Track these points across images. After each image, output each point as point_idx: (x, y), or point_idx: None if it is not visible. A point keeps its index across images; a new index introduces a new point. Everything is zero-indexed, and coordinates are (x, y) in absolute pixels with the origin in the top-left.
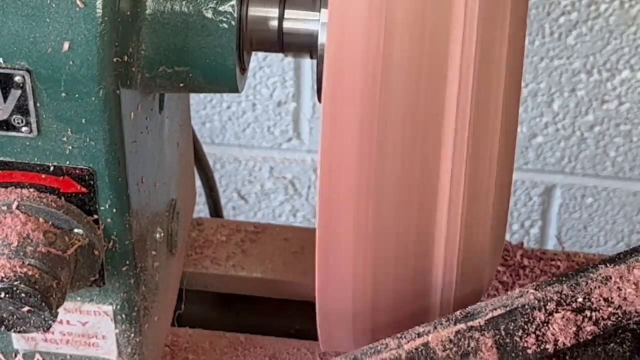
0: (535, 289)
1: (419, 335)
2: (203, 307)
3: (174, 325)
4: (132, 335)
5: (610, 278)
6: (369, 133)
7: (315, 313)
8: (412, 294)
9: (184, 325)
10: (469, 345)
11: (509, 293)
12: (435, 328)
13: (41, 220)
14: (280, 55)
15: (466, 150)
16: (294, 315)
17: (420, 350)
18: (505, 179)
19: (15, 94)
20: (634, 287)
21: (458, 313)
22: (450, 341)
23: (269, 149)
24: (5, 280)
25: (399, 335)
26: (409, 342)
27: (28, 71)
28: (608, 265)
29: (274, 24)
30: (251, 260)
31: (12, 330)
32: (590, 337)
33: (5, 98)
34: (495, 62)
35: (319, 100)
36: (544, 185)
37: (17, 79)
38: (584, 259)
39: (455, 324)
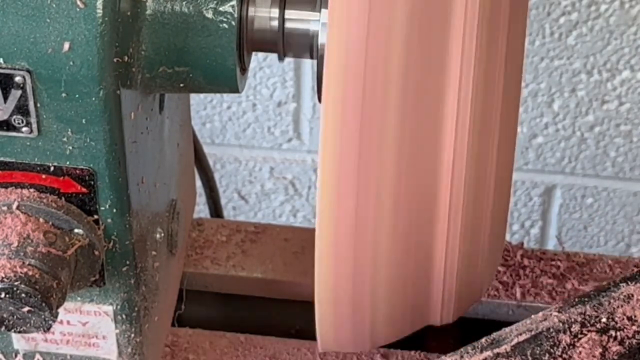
0: (559, 311)
1: None
2: (203, 307)
3: (174, 325)
4: (132, 335)
5: (632, 296)
6: (369, 133)
7: (315, 313)
8: (412, 294)
9: (184, 325)
10: None
11: (532, 317)
12: (462, 357)
13: (41, 220)
14: None
15: (466, 150)
16: (294, 315)
17: None
18: (505, 179)
19: (15, 94)
20: None
21: (483, 340)
22: None
23: (269, 149)
24: (5, 280)
25: None
26: None
27: (28, 71)
28: (629, 282)
29: (274, 24)
30: (251, 260)
31: (12, 330)
32: (616, 357)
33: (5, 98)
34: (496, 62)
35: (319, 100)
36: (544, 185)
37: (17, 79)
38: (583, 258)
39: (482, 352)
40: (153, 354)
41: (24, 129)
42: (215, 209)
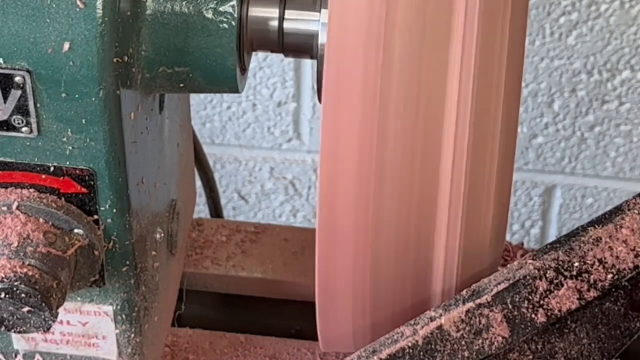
0: (533, 259)
1: (432, 319)
2: (203, 307)
3: (174, 325)
4: (132, 335)
5: (601, 239)
6: (369, 133)
7: (315, 313)
8: (412, 294)
9: (184, 325)
10: (480, 323)
11: (509, 266)
12: (446, 310)
13: (41, 220)
14: (280, 55)
15: (466, 149)
16: (294, 315)
17: (435, 333)
18: (505, 179)
19: (15, 94)
20: (624, 245)
21: (464, 292)
22: (462, 321)
23: (269, 149)
24: (5, 280)
25: (412, 322)
26: (422, 327)
27: (28, 71)
28: (596, 226)
29: (274, 24)
30: (251, 260)
31: (12, 330)
32: (590, 300)
33: (5, 98)
34: (495, 62)
35: (319, 100)
36: (544, 185)
37: (17, 79)
38: None
39: (464, 303)
40: (153, 354)
41: (24, 129)
42: (215, 209)
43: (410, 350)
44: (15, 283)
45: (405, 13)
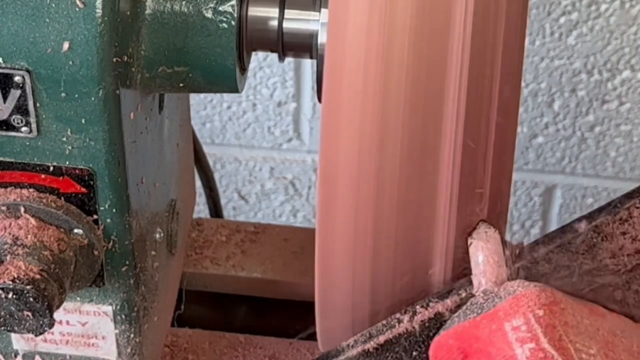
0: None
1: (429, 306)
2: (203, 307)
3: (173, 325)
4: (132, 335)
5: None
6: (369, 132)
7: (315, 313)
8: (411, 294)
9: (184, 325)
10: None
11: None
12: (443, 297)
13: (51, 224)
14: None
15: (465, 149)
16: (293, 315)
17: (432, 320)
18: (505, 179)
19: (15, 93)
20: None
21: (462, 280)
22: (459, 308)
23: (269, 149)
24: (17, 281)
25: (409, 309)
26: (420, 314)
27: (27, 71)
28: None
29: (274, 23)
30: (251, 260)
31: (3, 328)
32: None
33: (5, 98)
34: (495, 61)
35: (319, 100)
36: (544, 185)
37: (17, 78)
38: None
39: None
40: (152, 354)
41: (24, 128)
42: (215, 209)
43: (407, 337)
44: (28, 287)
45: (405, 13)
